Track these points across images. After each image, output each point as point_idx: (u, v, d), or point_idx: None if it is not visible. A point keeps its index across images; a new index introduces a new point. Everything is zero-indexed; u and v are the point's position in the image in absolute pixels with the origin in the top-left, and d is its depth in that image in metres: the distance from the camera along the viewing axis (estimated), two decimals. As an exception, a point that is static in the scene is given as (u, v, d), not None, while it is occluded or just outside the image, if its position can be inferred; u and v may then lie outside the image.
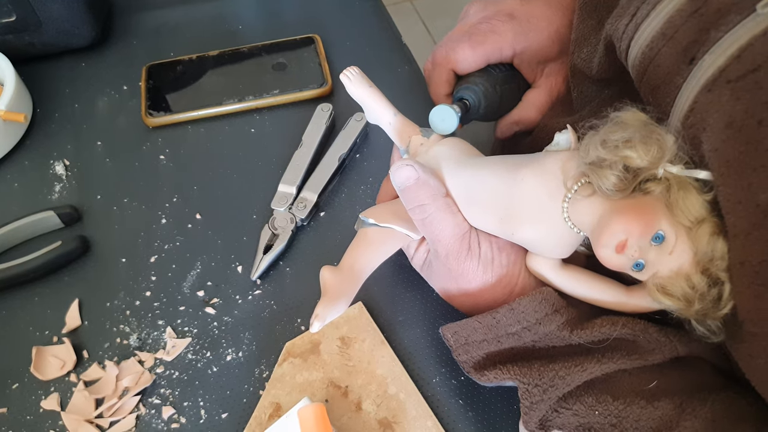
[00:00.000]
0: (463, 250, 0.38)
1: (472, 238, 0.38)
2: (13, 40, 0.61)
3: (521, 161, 0.37)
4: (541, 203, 0.35)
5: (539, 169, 0.36)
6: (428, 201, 0.37)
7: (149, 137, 0.59)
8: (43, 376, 0.45)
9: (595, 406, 0.35)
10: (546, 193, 0.35)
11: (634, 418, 0.34)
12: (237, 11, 0.70)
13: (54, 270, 0.50)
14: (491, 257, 0.39)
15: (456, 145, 0.41)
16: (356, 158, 0.57)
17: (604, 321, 0.36)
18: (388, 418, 0.42)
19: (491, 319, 0.38)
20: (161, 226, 0.53)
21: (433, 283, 0.43)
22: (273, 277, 0.50)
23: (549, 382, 0.36)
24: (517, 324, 0.37)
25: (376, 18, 0.70)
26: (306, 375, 0.44)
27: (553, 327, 0.37)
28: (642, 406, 0.34)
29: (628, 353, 0.36)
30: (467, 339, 0.39)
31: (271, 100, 0.60)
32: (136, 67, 0.64)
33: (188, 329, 0.47)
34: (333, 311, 0.36)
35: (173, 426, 0.43)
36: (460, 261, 0.38)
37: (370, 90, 0.43)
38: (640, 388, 0.35)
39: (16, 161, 0.57)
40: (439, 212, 0.37)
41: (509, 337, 0.38)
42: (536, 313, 0.37)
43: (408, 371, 0.44)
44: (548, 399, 0.36)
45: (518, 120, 0.53)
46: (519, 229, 0.37)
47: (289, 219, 0.52)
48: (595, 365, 0.35)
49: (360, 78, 0.43)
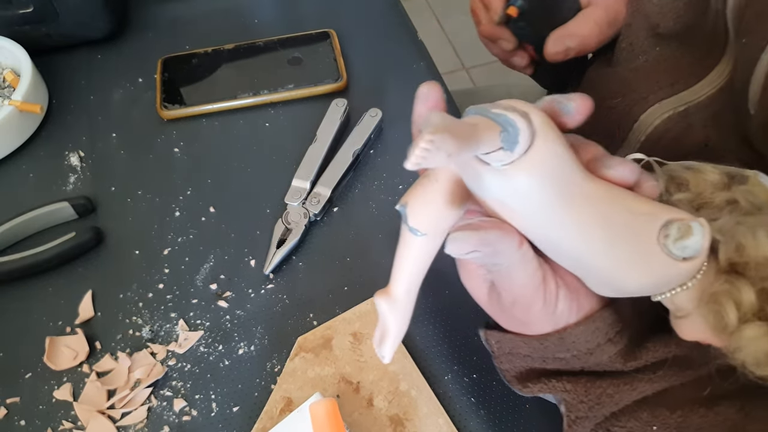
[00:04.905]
0: (536, 302, 0.33)
1: (548, 291, 0.32)
2: (30, 31, 0.61)
3: (634, 247, 0.29)
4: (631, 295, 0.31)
5: (651, 278, 0.29)
6: (501, 261, 0.31)
7: (164, 130, 0.59)
8: (56, 366, 0.45)
9: (652, 421, 0.33)
10: (646, 291, 0.31)
11: (696, 427, 0.32)
12: (253, 5, 0.70)
13: (68, 261, 0.50)
14: (567, 316, 0.34)
15: (547, 175, 0.29)
16: (370, 154, 0.57)
17: (657, 345, 0.34)
18: (400, 415, 0.42)
19: (538, 344, 0.35)
20: (175, 218, 0.53)
21: (496, 319, 0.38)
22: (286, 272, 0.50)
23: (596, 399, 0.34)
24: (567, 352, 0.35)
25: (391, 13, 0.69)
26: (318, 370, 0.44)
27: (604, 358, 0.34)
28: (702, 414, 0.32)
29: (681, 369, 0.34)
30: (512, 350, 0.36)
31: (286, 94, 0.60)
32: (152, 59, 0.64)
33: (200, 322, 0.47)
34: (398, 344, 0.35)
35: (184, 418, 0.43)
36: (527, 312, 0.33)
37: (447, 160, 0.24)
38: (695, 396, 0.33)
39: (32, 152, 0.58)
40: (511, 267, 0.31)
41: (556, 360, 0.36)
42: (588, 343, 0.34)
43: (420, 368, 0.44)
44: (594, 417, 0.34)
45: (572, 32, 0.47)
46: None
47: (302, 214, 0.51)
48: (647, 385, 0.34)
49: (441, 148, 0.23)
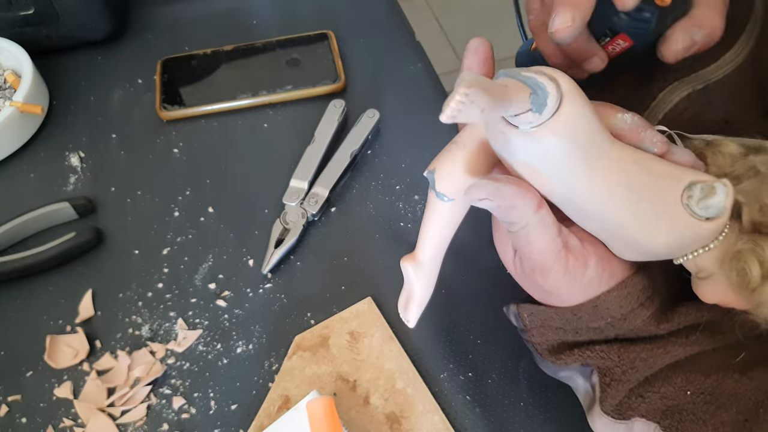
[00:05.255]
0: (555, 268, 0.33)
1: (571, 258, 0.33)
2: (31, 33, 0.62)
3: (659, 207, 0.30)
4: (657, 258, 0.32)
5: (676, 238, 0.30)
6: (517, 220, 0.31)
7: (163, 130, 0.60)
8: (57, 364, 0.45)
9: (686, 386, 0.33)
10: (672, 253, 0.32)
11: (729, 392, 0.33)
12: (252, 6, 0.70)
13: (68, 260, 0.51)
14: (597, 283, 0.34)
15: (574, 138, 0.29)
16: (368, 154, 0.57)
17: (689, 308, 0.35)
18: (396, 413, 0.43)
19: (571, 315, 0.35)
20: (174, 218, 0.54)
21: (526, 289, 0.38)
22: (284, 271, 0.50)
23: (630, 363, 0.34)
24: (601, 320, 0.35)
25: (389, 14, 0.70)
26: (315, 368, 0.45)
27: (638, 322, 0.35)
28: (736, 379, 0.33)
29: (712, 334, 0.34)
30: (544, 323, 0.36)
31: (284, 95, 0.61)
32: (151, 60, 0.64)
33: (199, 321, 0.48)
34: (423, 308, 0.37)
35: (183, 416, 0.44)
36: (548, 279, 0.33)
37: (481, 115, 0.24)
38: (728, 362, 0.34)
39: (33, 152, 0.58)
40: (528, 229, 0.31)
41: (590, 330, 0.36)
42: (622, 308, 0.34)
43: (416, 367, 0.45)
44: (627, 381, 0.35)
45: (702, 23, 0.38)
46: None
47: (300, 214, 0.52)
48: (678, 348, 0.34)
49: (475, 101, 0.24)
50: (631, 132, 0.32)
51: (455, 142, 0.33)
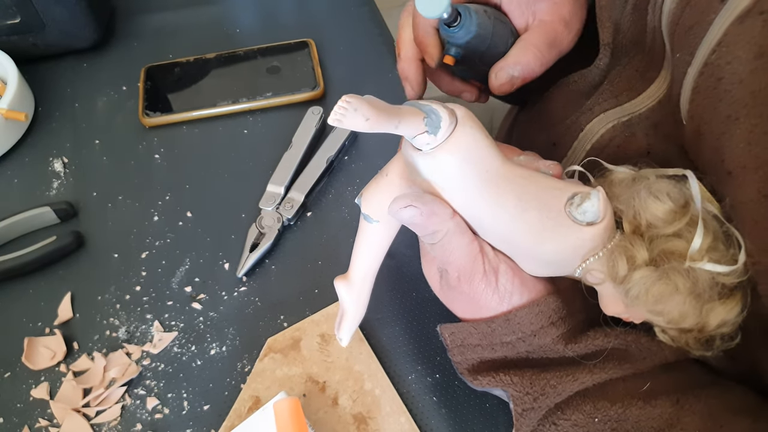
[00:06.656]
0: (476, 272, 0.36)
1: (487, 262, 0.36)
2: (17, 41, 0.63)
3: (544, 214, 0.33)
4: (556, 269, 0.35)
5: (562, 243, 0.33)
6: (438, 227, 0.34)
7: (145, 137, 0.61)
8: (34, 365, 0.46)
9: (594, 413, 0.35)
10: (565, 260, 0.34)
11: (634, 420, 0.34)
12: (235, 15, 0.72)
13: (48, 264, 0.52)
14: (510, 290, 0.36)
15: (467, 156, 0.33)
16: (344, 160, 0.58)
17: (597, 333, 0.37)
18: (363, 413, 0.44)
19: (486, 327, 0.37)
20: (153, 223, 0.55)
21: (449, 306, 0.41)
22: (258, 275, 0.51)
23: (540, 390, 0.36)
24: (512, 334, 0.37)
25: (370, 22, 0.71)
26: (286, 370, 0.46)
27: (548, 340, 0.37)
28: (640, 407, 0.34)
29: (619, 363, 0.36)
30: (463, 341, 0.39)
31: (264, 102, 0.62)
32: (136, 68, 0.65)
33: (175, 323, 0.49)
34: (355, 327, 0.40)
35: (157, 416, 0.45)
36: (473, 283, 0.36)
37: (366, 124, 0.28)
38: (635, 391, 0.35)
39: (17, 158, 0.59)
40: (448, 236, 0.35)
41: (503, 345, 0.38)
42: (532, 325, 0.36)
43: (384, 368, 0.46)
44: (539, 408, 0.36)
45: (513, 61, 0.45)
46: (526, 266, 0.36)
47: (276, 218, 0.53)
48: (587, 375, 0.36)
49: (358, 109, 0.27)
50: (528, 165, 0.36)
51: (380, 172, 0.37)
